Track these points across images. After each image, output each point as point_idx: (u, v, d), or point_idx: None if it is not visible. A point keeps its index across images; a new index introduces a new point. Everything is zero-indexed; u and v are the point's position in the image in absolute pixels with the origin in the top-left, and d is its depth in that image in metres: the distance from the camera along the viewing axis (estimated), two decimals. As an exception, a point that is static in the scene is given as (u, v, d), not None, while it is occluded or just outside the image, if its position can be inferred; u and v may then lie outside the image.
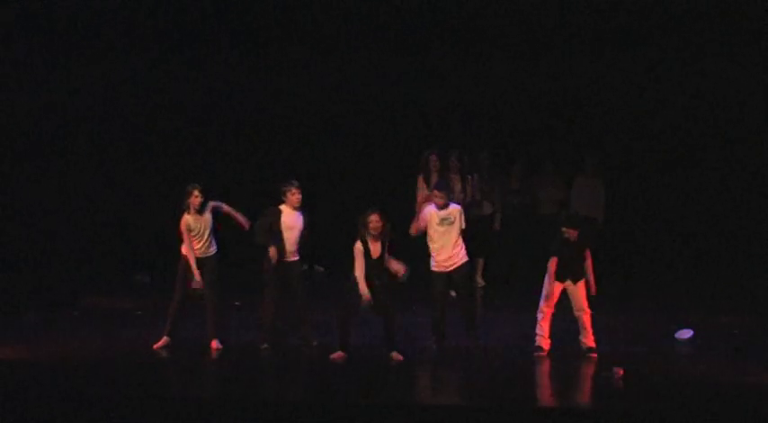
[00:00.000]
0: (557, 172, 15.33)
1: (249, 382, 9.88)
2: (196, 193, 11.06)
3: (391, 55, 15.86)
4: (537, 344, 10.73)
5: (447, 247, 10.87)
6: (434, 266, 10.97)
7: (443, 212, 10.90)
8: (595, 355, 10.66)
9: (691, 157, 15.79)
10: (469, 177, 14.08)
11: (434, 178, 13.38)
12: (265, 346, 11.04)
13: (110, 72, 15.67)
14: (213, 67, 15.99)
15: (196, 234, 11.05)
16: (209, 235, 11.13)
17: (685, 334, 11.51)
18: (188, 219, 11.07)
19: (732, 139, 15.55)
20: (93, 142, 15.78)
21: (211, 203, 11.16)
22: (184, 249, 11.08)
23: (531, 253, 13.48)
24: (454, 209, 10.95)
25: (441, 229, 10.87)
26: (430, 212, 10.96)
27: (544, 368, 10.37)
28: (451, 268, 10.88)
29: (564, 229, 10.63)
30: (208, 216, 11.12)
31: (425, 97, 16.15)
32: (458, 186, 13.65)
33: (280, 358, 10.73)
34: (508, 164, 15.19)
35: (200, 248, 11.10)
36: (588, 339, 10.74)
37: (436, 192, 11.00)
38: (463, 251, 10.95)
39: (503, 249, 14.80)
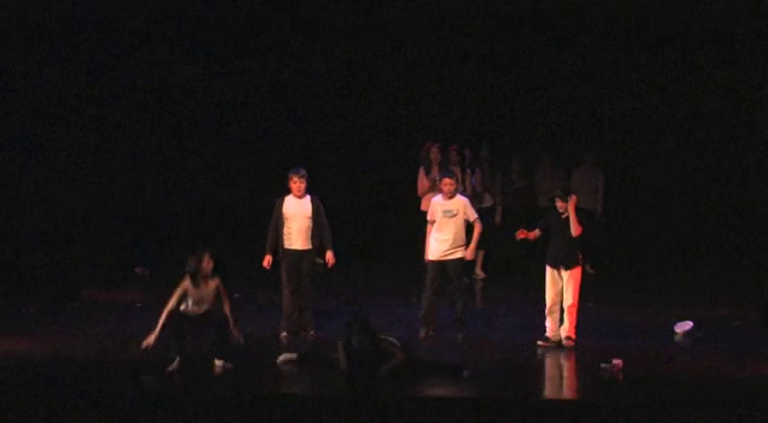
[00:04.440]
0: (556, 164, 15.31)
1: (250, 377, 9.86)
2: (207, 257, 9.50)
3: (392, 47, 15.86)
4: (546, 334, 10.68)
5: (445, 236, 10.88)
6: (428, 254, 10.99)
7: (447, 204, 10.92)
8: (572, 342, 10.51)
9: (690, 149, 15.79)
10: (469, 171, 14.09)
11: (435, 170, 13.39)
12: (284, 334, 10.92)
13: (116, 72, 15.69)
14: (216, 65, 16.02)
15: (193, 303, 9.59)
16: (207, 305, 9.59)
17: (685, 326, 11.50)
18: (188, 285, 9.52)
19: (732, 132, 15.55)
20: (96, 135, 15.78)
21: (221, 287, 9.66)
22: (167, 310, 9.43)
23: (531, 245, 13.47)
24: (458, 201, 10.96)
25: (444, 219, 10.91)
26: (434, 203, 11.00)
27: (542, 360, 10.36)
28: (443, 258, 10.88)
29: (556, 199, 10.63)
30: (213, 286, 9.63)
31: (426, 90, 16.15)
32: (458, 178, 13.66)
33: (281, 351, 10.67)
34: (508, 156, 15.19)
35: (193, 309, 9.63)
36: (569, 331, 10.57)
37: (445, 179, 10.95)
38: (461, 248, 10.91)
39: (503, 241, 14.79)
